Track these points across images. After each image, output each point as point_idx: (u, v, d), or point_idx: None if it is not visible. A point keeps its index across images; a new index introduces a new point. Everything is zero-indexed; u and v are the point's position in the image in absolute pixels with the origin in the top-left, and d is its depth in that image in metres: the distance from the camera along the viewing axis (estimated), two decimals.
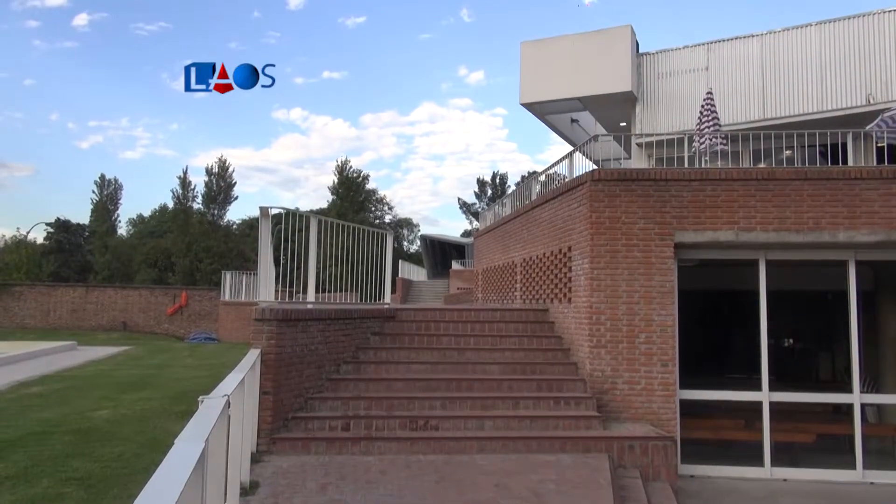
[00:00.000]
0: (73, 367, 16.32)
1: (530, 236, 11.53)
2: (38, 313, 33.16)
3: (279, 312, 7.36)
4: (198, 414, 3.56)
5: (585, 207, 8.80)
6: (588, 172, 8.98)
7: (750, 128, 14.71)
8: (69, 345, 21.62)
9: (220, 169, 49.98)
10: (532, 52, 18.01)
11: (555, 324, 10.09)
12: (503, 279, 13.51)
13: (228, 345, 25.23)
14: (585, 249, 8.77)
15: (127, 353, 20.65)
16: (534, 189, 13.17)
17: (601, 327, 8.52)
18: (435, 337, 9.68)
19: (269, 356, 7.25)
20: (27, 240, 46.44)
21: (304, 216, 8.52)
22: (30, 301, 33.26)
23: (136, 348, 22.89)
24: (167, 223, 56.35)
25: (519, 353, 9.41)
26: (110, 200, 59.55)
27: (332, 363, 8.61)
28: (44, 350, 19.45)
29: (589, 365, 8.53)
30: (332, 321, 8.55)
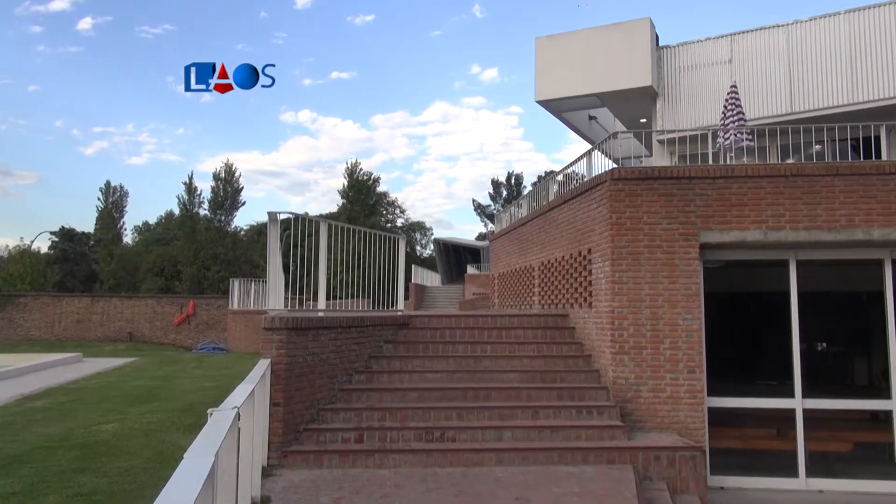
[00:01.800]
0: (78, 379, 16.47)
1: (548, 239, 11.49)
2: (44, 324, 33.53)
3: (289, 321, 7.38)
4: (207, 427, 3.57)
5: (605, 208, 8.76)
6: (607, 171, 8.95)
7: (777, 122, 14.58)
8: (75, 357, 21.82)
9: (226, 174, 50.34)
10: (547, 47, 17.99)
11: (575, 330, 10.05)
12: (520, 284, 13.47)
13: (237, 355, 25.34)
14: (606, 251, 8.72)
15: (133, 365, 20.81)
16: (551, 189, 13.14)
17: (624, 333, 8.47)
18: (450, 344, 9.67)
19: (279, 366, 7.26)
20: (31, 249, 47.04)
21: (313, 221, 8.54)
22: (35, 312, 33.65)
23: (143, 359, 23.06)
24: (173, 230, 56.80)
25: (538, 360, 9.37)
26: (115, 208, 60.13)
27: (345, 373, 8.62)
28: (49, 362, 19.65)
29: (612, 372, 8.48)
30: (343, 329, 8.57)
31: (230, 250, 47.12)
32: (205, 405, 5.17)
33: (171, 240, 56.67)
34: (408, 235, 69.06)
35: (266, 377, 6.87)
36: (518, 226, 13.93)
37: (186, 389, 14.33)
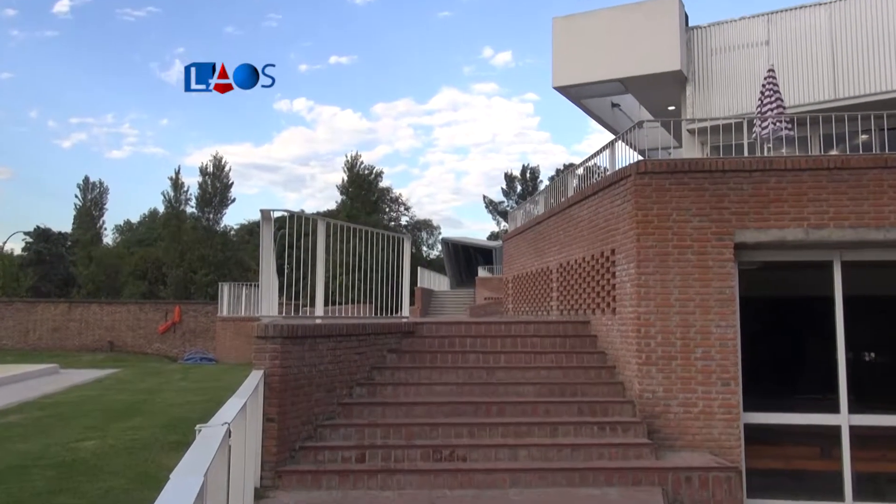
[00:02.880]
0: (55, 392, 16.56)
1: (567, 238, 11.48)
2: (17, 333, 33.74)
3: (284, 329, 7.39)
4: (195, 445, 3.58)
5: (630, 204, 8.74)
6: (632, 164, 8.92)
7: (819, 109, 14.49)
8: (50, 368, 21.95)
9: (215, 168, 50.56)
10: (566, 28, 17.96)
11: (597, 338, 10.03)
12: (537, 287, 13.45)
13: (227, 366, 25.42)
14: (631, 252, 8.70)
15: (114, 377, 20.90)
16: (570, 184, 13.12)
17: (651, 341, 8.45)
18: (460, 354, 9.67)
19: (273, 378, 7.28)
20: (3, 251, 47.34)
21: (310, 219, 8.56)
22: (7, 319, 33.87)
23: (125, 371, 23.16)
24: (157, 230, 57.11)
25: (556, 371, 9.36)
26: (95, 206, 60.48)
27: (344, 385, 8.63)
28: (22, 374, 19.77)
29: (637, 385, 8.46)
30: (343, 338, 8.58)
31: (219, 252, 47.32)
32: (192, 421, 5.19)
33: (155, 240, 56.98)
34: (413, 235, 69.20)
35: (259, 390, 6.88)
36: (534, 224, 13.91)
37: (172, 403, 14.37)
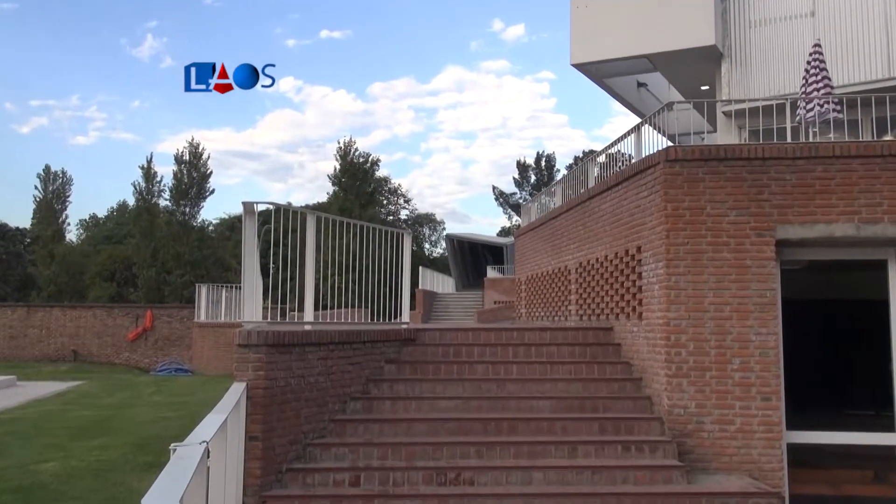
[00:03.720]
0: (12, 408, 16.61)
1: (587, 234, 11.47)
2: None
3: (269, 336, 7.40)
4: (169, 466, 3.58)
5: (658, 196, 8.73)
6: (661, 151, 8.90)
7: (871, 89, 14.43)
8: (7, 380, 22.01)
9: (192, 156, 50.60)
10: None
11: (621, 346, 10.02)
12: (553, 290, 13.44)
13: (205, 378, 25.48)
14: (659, 250, 8.69)
15: (79, 390, 20.96)
16: (591, 173, 13.10)
17: (682, 350, 8.43)
18: (467, 365, 9.66)
19: (256, 391, 7.29)
20: None
21: (298, 213, 8.56)
22: None
23: (90, 383, 23.23)
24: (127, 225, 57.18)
25: (575, 384, 9.35)
26: (57, 198, 60.60)
27: (337, 400, 8.64)
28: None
29: (667, 399, 8.45)
30: (335, 346, 8.58)
31: (196, 249, 47.38)
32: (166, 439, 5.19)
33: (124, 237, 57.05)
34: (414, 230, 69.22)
35: (241, 405, 6.89)
36: (550, 218, 13.89)
37: (143, 420, 14.40)
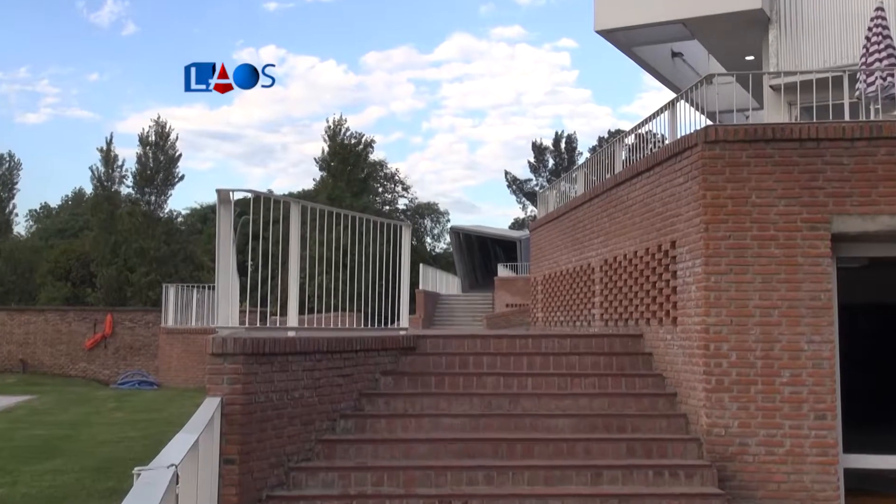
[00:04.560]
0: None
1: (614, 227, 11.46)
2: None
3: (247, 343, 7.40)
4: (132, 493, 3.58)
5: (696, 183, 8.71)
6: (699, 131, 8.89)
7: None
8: None
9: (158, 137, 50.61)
10: None
11: (653, 356, 10.02)
12: (574, 291, 13.43)
13: (174, 391, 25.49)
14: (697, 245, 8.68)
15: (28, 406, 20.98)
16: (618, 157, 13.07)
17: (723, 361, 8.42)
18: (475, 377, 9.66)
19: (232, 408, 7.29)
20: None
21: (280, 202, 8.55)
22: None
23: (42, 398, 23.24)
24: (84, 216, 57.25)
25: (600, 400, 9.34)
26: (3, 185, 60.76)
27: (325, 417, 8.64)
28: None
29: (705, 418, 8.44)
30: (323, 356, 8.58)
31: (163, 244, 47.41)
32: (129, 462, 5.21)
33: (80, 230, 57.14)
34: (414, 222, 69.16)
35: (214, 423, 6.89)
36: (571, 209, 13.87)
37: (103, 440, 14.42)
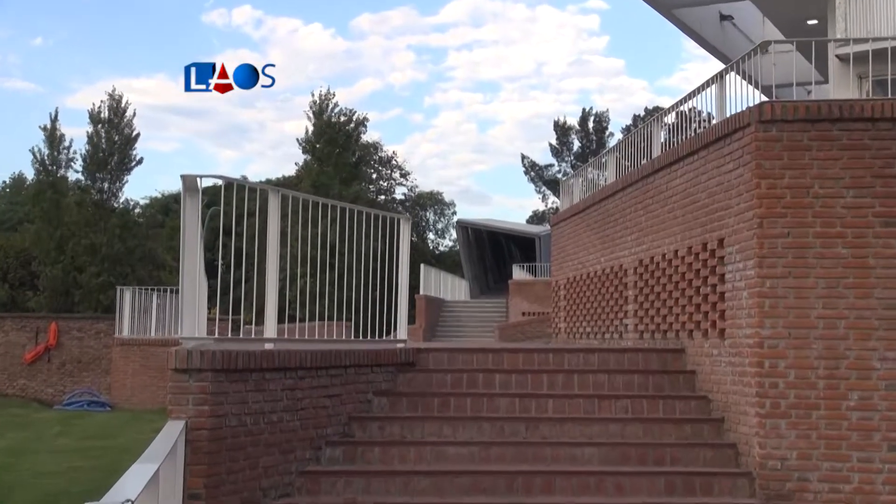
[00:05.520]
0: None
1: (650, 221, 11.46)
2: None
3: (216, 357, 7.39)
4: None
5: (748, 170, 8.71)
6: (752, 108, 8.88)
7: None
8: None
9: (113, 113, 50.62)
10: None
11: (696, 375, 10.02)
12: (603, 297, 13.43)
13: (129, 414, 25.49)
14: (749, 244, 8.67)
15: None
16: (655, 139, 13.07)
17: (779, 381, 8.41)
18: (485, 399, 9.67)
19: (199, 433, 7.28)
20: None
21: (257, 191, 8.55)
22: None
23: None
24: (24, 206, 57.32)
25: (633, 426, 9.34)
26: None
27: (309, 445, 8.64)
28: None
29: (758, 448, 8.43)
30: (307, 372, 8.57)
31: (118, 240, 47.40)
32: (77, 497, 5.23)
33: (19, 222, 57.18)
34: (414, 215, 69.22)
35: (177, 452, 6.89)
36: (600, 199, 13.89)
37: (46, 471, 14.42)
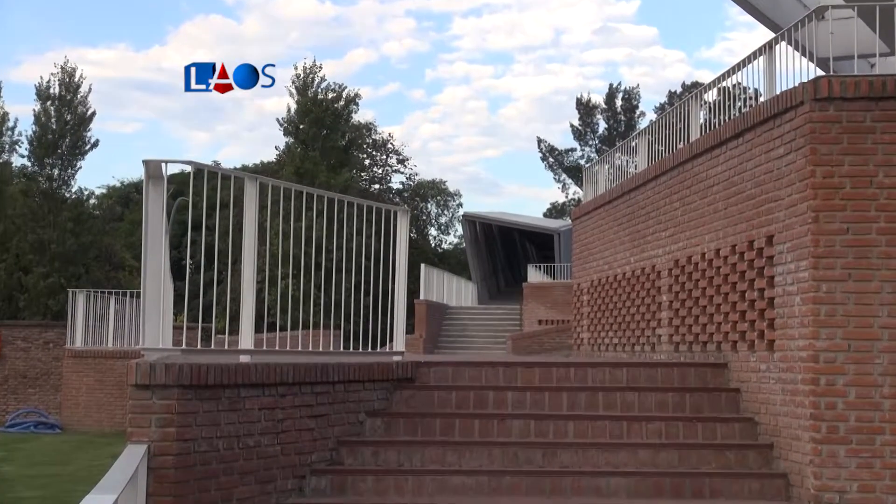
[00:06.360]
0: None
1: (688, 215, 11.48)
2: None
3: (184, 372, 7.39)
4: None
5: (801, 155, 8.72)
6: (807, 83, 8.87)
7: None
8: None
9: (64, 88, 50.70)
10: None
11: (740, 393, 10.02)
12: (633, 303, 13.45)
13: (82, 437, 25.51)
14: (803, 241, 8.68)
15: None
16: (693, 120, 13.05)
17: (838, 401, 8.41)
18: (496, 420, 9.69)
19: (164, 459, 7.28)
20: None
21: (231, 178, 8.56)
22: None
23: None
24: None
25: (667, 452, 9.35)
26: None
27: (291, 473, 8.65)
28: None
29: (813, 479, 8.43)
30: (289, 389, 8.58)
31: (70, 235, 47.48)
32: None
33: None
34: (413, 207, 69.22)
35: (139, 481, 6.89)
36: (629, 190, 13.91)
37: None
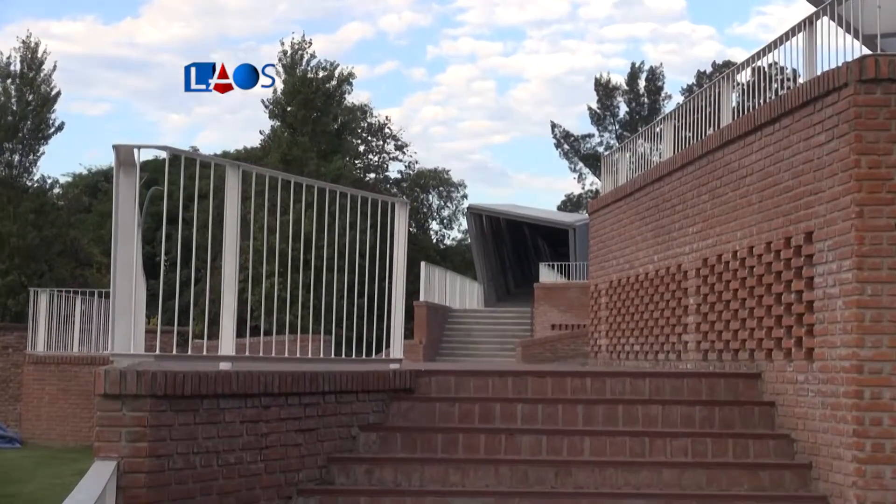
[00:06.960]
0: None
1: (718, 209, 11.49)
2: None
3: (158, 380, 7.39)
4: None
5: (845, 143, 8.72)
6: (851, 63, 8.87)
7: None
8: None
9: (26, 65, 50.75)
10: None
11: (776, 407, 10.04)
12: (656, 306, 13.47)
13: (44, 452, 25.52)
14: (846, 238, 8.68)
15: None
16: (725, 103, 13.06)
17: (883, 416, 8.42)
18: (503, 436, 9.69)
19: (135, 477, 7.29)
20: None
21: (211, 166, 8.55)
22: None
23: None
24: None
25: (694, 472, 9.35)
26: None
27: (276, 493, 8.65)
28: None
29: (856, 502, 8.42)
30: (273, 400, 8.59)
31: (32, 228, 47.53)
32: None
33: None
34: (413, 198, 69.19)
35: (106, 501, 6.90)
36: (652, 181, 13.92)
37: None
